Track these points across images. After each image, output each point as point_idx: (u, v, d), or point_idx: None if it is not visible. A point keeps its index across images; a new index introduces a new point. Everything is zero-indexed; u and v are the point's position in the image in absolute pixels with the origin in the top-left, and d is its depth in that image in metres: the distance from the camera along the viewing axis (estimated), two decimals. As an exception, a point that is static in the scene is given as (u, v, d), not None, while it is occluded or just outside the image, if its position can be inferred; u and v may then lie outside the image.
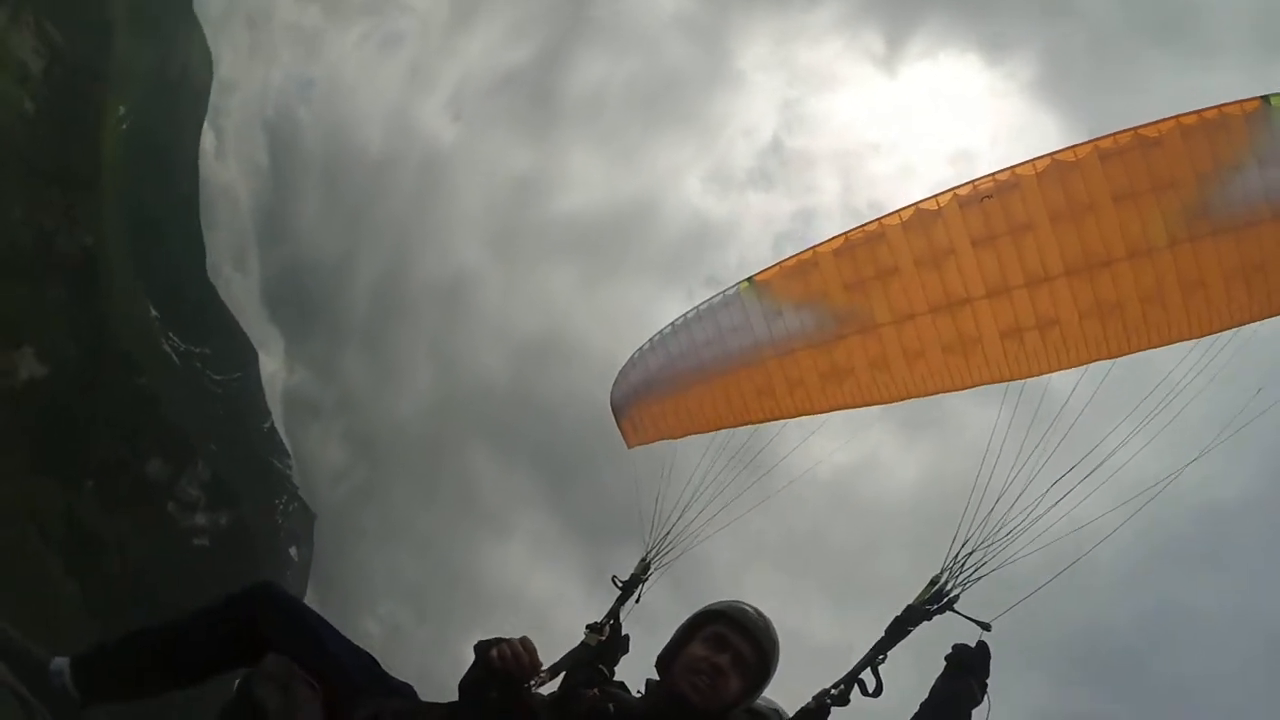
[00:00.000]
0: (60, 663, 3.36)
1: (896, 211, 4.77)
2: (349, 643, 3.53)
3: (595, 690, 3.56)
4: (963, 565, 3.97)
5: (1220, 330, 4.46)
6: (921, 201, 4.72)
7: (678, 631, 3.67)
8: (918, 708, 3.49)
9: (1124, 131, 4.54)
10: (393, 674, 3.54)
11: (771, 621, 3.63)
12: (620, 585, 5.09)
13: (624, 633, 4.73)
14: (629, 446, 6.14)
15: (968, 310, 4.66)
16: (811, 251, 4.99)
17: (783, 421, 5.36)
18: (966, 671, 3.54)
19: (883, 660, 3.75)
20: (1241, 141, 4.28)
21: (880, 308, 4.84)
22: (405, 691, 3.51)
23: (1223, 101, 4.29)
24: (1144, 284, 4.49)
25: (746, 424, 5.26)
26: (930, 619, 3.88)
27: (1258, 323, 4.49)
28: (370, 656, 3.55)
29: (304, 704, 3.10)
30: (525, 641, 3.29)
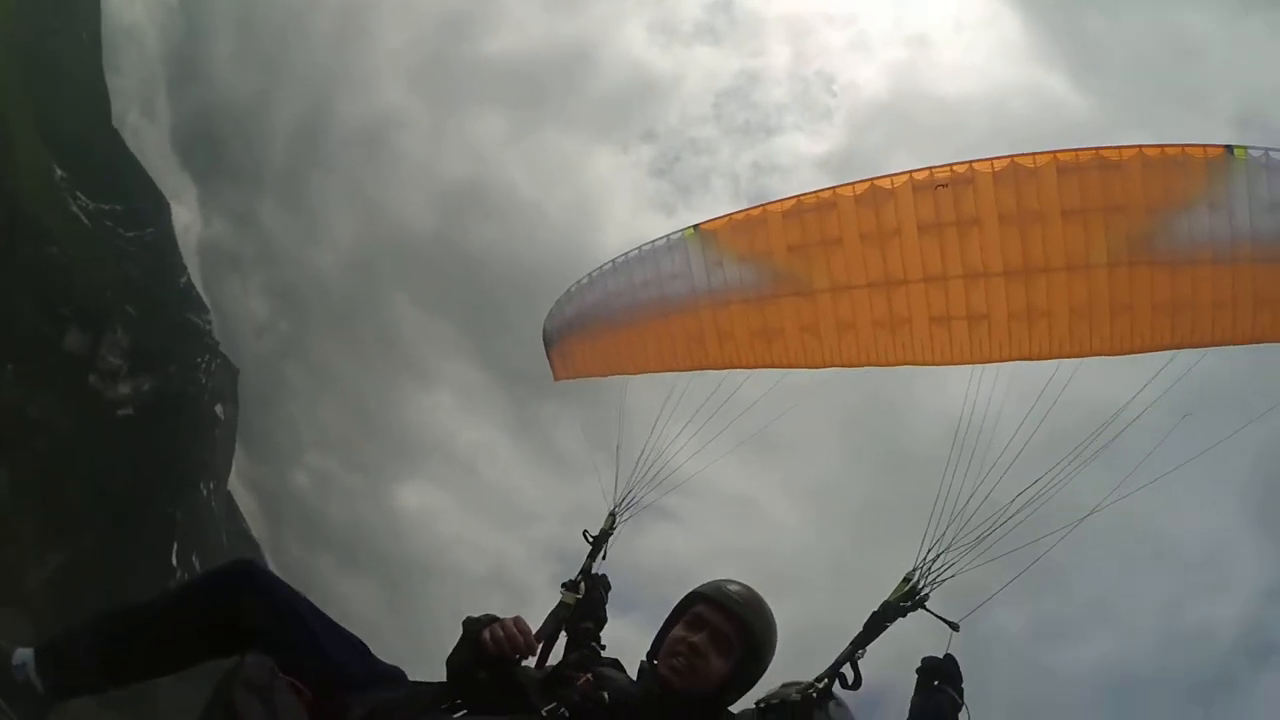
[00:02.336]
0: (24, 654, 3.17)
1: (851, 184, 4.82)
2: (338, 631, 3.37)
3: (588, 676, 3.52)
4: (931, 565, 4.05)
5: (1139, 352, 4.60)
6: (877, 179, 4.77)
7: (669, 616, 3.67)
8: None
9: (1086, 150, 4.64)
10: (380, 657, 3.40)
11: (759, 597, 3.62)
12: (591, 540, 5.07)
13: (600, 572, 4.82)
14: (556, 379, 6.16)
15: (903, 291, 4.74)
16: (761, 209, 5.01)
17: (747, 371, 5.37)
18: (943, 682, 3.58)
19: (861, 654, 3.79)
20: (1198, 184, 4.40)
21: (820, 275, 4.89)
22: (394, 675, 3.40)
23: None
24: (1076, 297, 4.61)
25: (673, 370, 5.30)
26: (904, 615, 3.93)
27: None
28: (359, 643, 3.40)
29: (286, 713, 2.84)
30: (519, 622, 3.28)
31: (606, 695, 3.39)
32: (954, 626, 3.82)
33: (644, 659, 3.66)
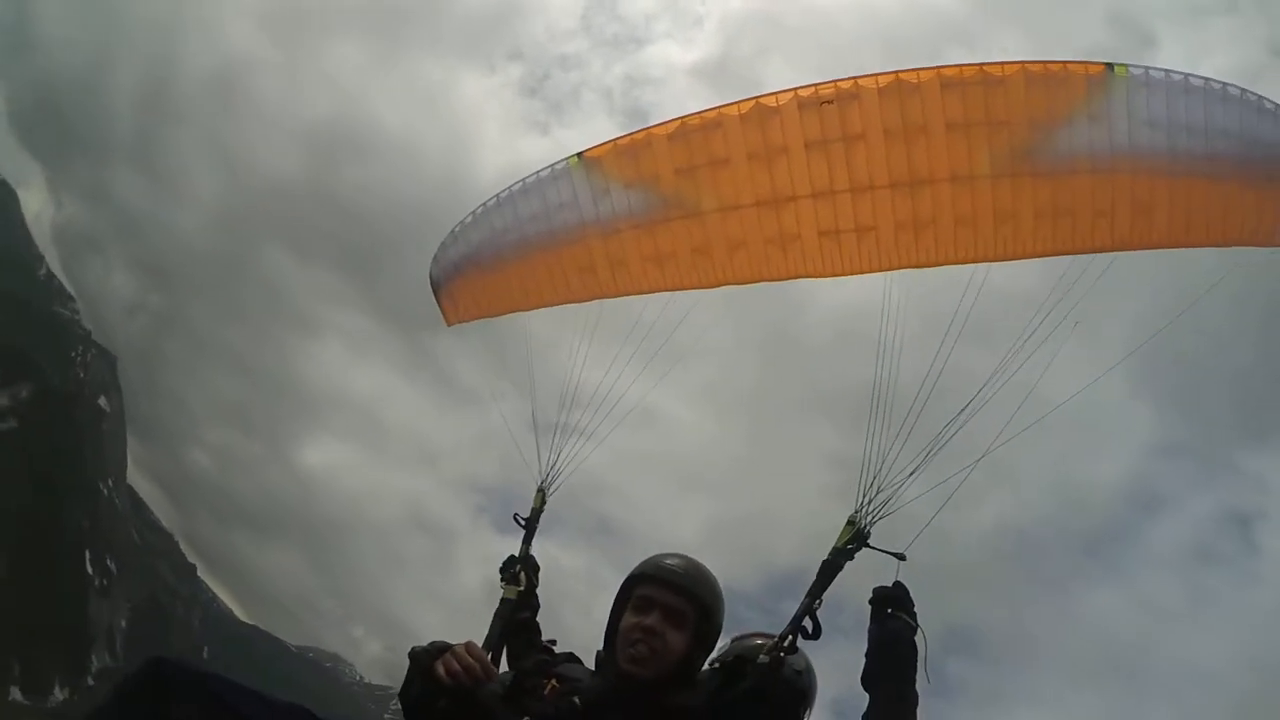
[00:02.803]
0: None
1: (736, 103, 4.77)
2: (279, 708, 3.07)
3: (553, 682, 3.41)
4: (870, 503, 4.08)
5: (1023, 258, 4.72)
6: (762, 97, 4.72)
7: (613, 604, 3.58)
8: (865, 658, 3.57)
9: (970, 66, 4.71)
10: (327, 715, 3.11)
11: (699, 564, 3.58)
12: (523, 523, 4.99)
13: (532, 560, 4.79)
14: (448, 324, 5.97)
15: (791, 207, 4.72)
16: (645, 133, 4.91)
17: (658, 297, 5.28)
18: (896, 609, 3.63)
19: (819, 604, 3.80)
20: (1078, 99, 4.51)
21: (708, 196, 4.83)
22: None
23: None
24: (960, 207, 4.69)
25: (568, 302, 5.19)
26: (852, 558, 3.96)
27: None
28: (304, 711, 3.11)
29: None
30: (471, 648, 3.16)
31: (578, 700, 3.30)
32: (901, 557, 3.85)
33: (599, 650, 3.56)
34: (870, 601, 3.69)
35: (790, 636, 3.67)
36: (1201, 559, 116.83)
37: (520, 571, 4.71)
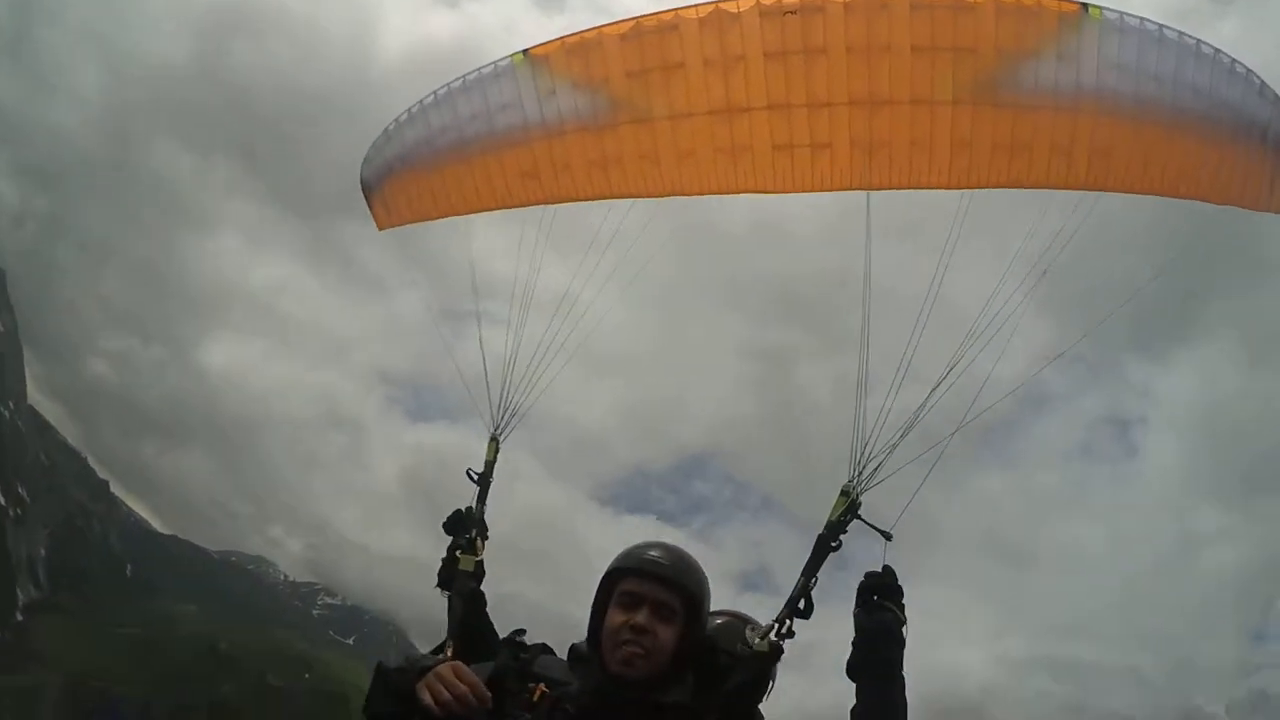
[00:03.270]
0: None
1: (695, 6, 4.54)
2: None
3: (541, 687, 3.18)
4: (863, 472, 3.95)
5: (976, 188, 4.64)
6: (722, 2, 4.50)
7: (594, 600, 3.41)
8: (851, 646, 3.41)
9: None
10: None
11: (682, 551, 3.41)
12: (476, 478, 4.65)
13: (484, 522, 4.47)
14: (380, 228, 5.65)
15: (745, 119, 4.53)
16: (596, 32, 4.66)
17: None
18: (884, 598, 3.48)
19: (815, 583, 3.69)
20: (1048, 35, 4.44)
21: (660, 101, 4.59)
22: None
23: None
24: (918, 130, 4.58)
25: (507, 207, 4.94)
26: (846, 530, 3.82)
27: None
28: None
29: None
30: (459, 671, 2.97)
31: (571, 708, 3.13)
32: (887, 537, 3.73)
33: (580, 645, 3.39)
34: (859, 588, 3.53)
35: (788, 621, 3.57)
36: (1085, 455, 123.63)
37: (477, 538, 4.38)
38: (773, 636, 3.53)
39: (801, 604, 3.63)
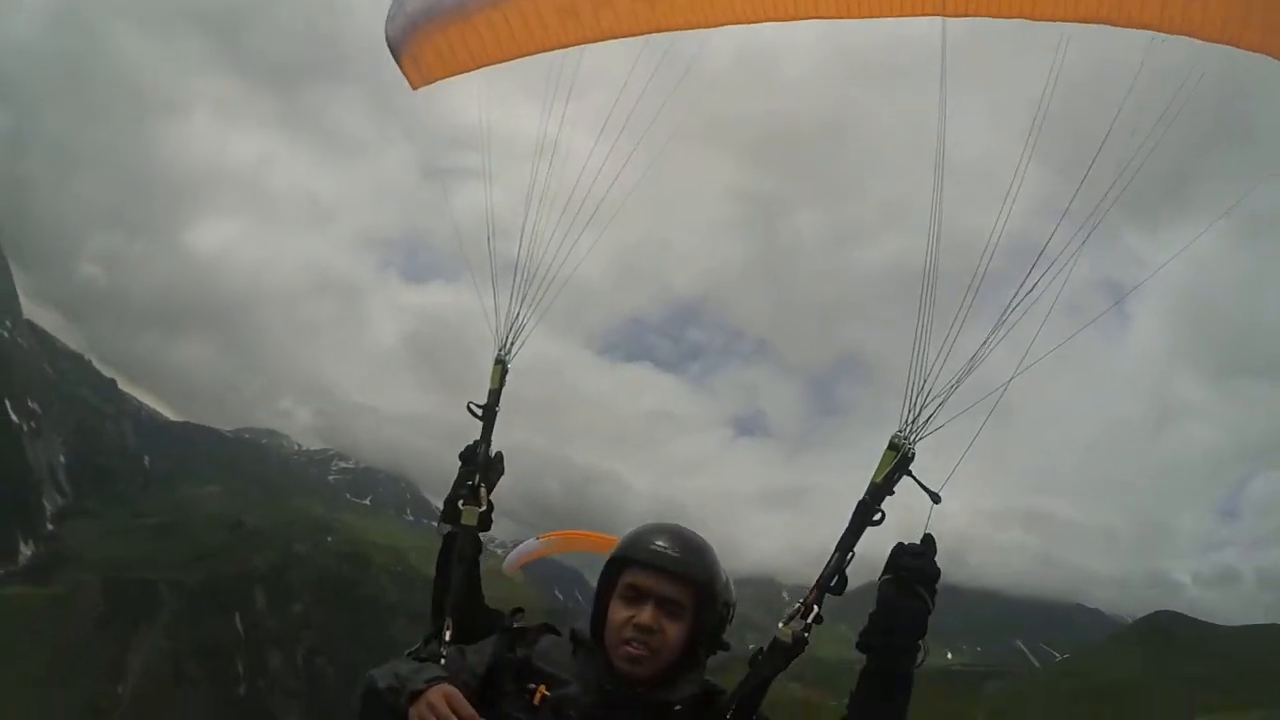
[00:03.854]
0: None
1: None
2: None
3: (542, 689, 3.01)
4: (917, 418, 3.41)
5: (970, 14, 4.09)
6: None
7: (598, 586, 3.21)
8: (870, 618, 3.10)
9: None
10: None
11: (693, 538, 3.17)
12: (479, 411, 4.16)
13: (496, 464, 4.06)
14: (414, 87, 5.33)
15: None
16: None
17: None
18: (917, 581, 3.08)
19: (851, 558, 3.28)
20: None
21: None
22: None
23: None
24: None
25: (545, 50, 4.69)
26: (893, 492, 3.31)
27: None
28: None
29: None
30: (453, 701, 2.86)
31: (574, 713, 3.00)
32: (936, 499, 3.26)
33: (581, 631, 3.21)
34: (891, 560, 3.14)
35: (816, 608, 3.23)
36: (1072, 316, 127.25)
37: (480, 485, 3.97)
38: (799, 622, 3.22)
39: (836, 582, 3.26)
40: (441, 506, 4.03)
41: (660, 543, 3.09)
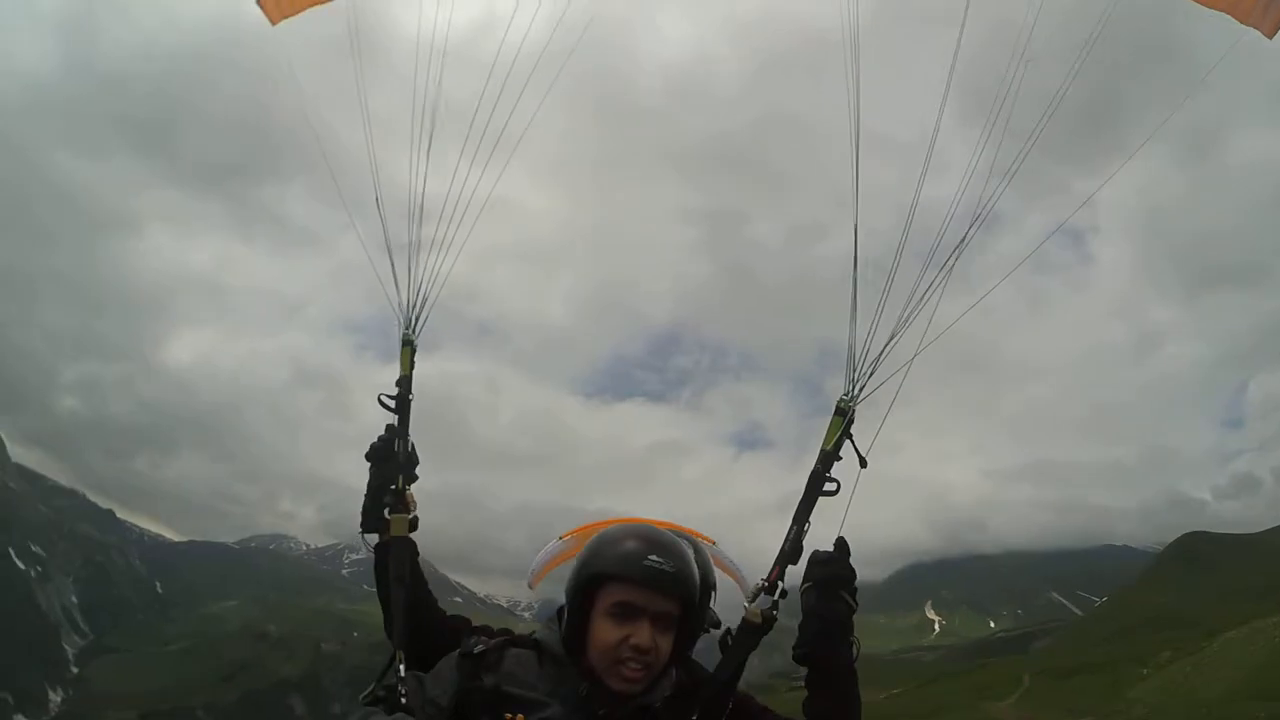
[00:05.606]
0: None
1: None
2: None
3: (520, 718, 2.84)
4: (858, 380, 3.41)
5: None
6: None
7: (570, 596, 2.97)
8: (799, 630, 3.11)
9: None
10: None
11: (679, 545, 3.01)
12: (391, 403, 3.73)
13: (413, 455, 3.68)
14: (273, 23, 4.82)
15: None
16: None
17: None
18: (835, 584, 3.11)
19: (807, 529, 3.23)
20: None
21: None
22: None
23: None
24: None
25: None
26: (840, 458, 3.28)
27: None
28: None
29: None
30: None
31: None
32: (863, 463, 3.28)
33: (546, 639, 3.03)
34: (809, 569, 3.14)
35: (780, 584, 3.16)
36: (1037, 268, 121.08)
37: (405, 488, 3.60)
38: (765, 599, 3.16)
39: (791, 553, 3.22)
40: (361, 517, 3.65)
41: (653, 559, 2.88)
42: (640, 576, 2.85)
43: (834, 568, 3.13)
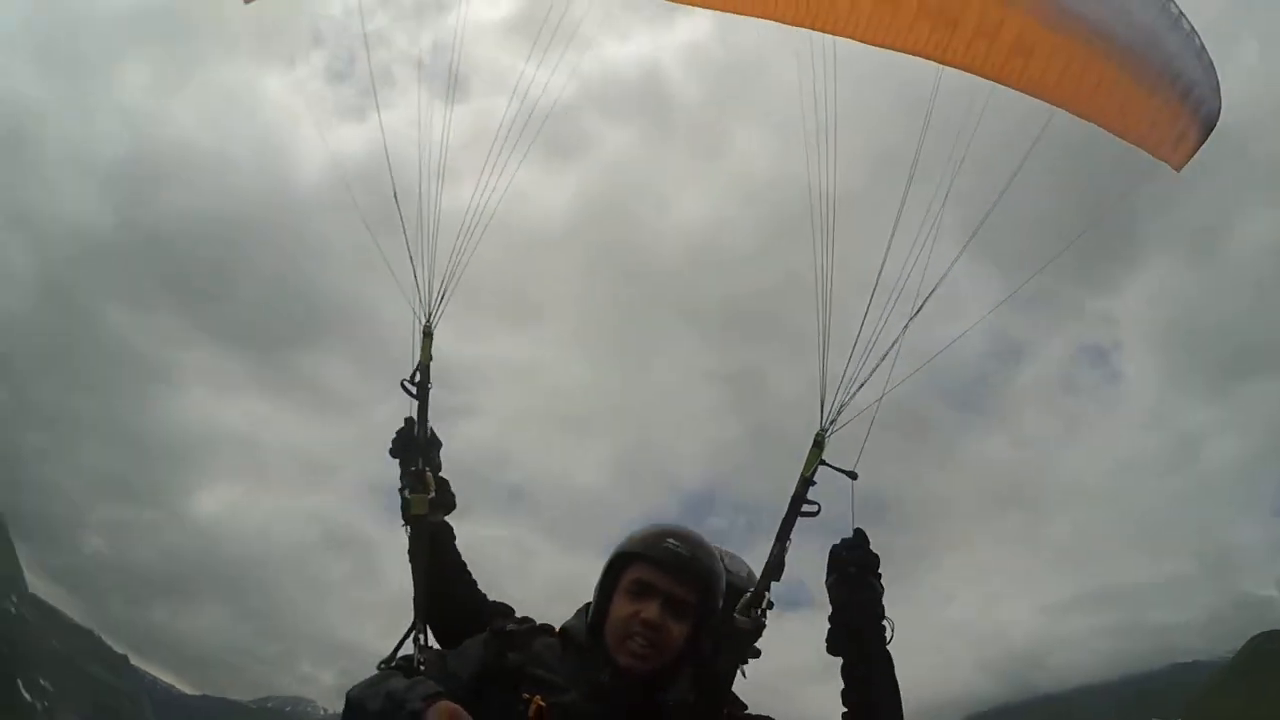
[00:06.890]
0: None
1: None
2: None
3: (537, 700, 2.87)
4: (835, 419, 3.57)
5: (889, 48, 4.00)
6: None
7: (600, 579, 3.15)
8: (829, 622, 3.26)
9: None
10: None
11: (700, 538, 3.17)
12: (413, 388, 3.82)
13: (435, 439, 3.84)
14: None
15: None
16: None
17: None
18: (863, 570, 3.25)
19: (788, 546, 3.37)
20: None
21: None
22: None
23: None
24: None
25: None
26: (815, 482, 3.46)
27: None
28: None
29: None
30: (456, 716, 2.64)
31: None
32: (853, 476, 3.42)
33: (574, 628, 3.15)
34: (831, 554, 3.31)
35: (767, 592, 3.28)
36: (1067, 391, 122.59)
37: (424, 468, 3.71)
38: (754, 610, 3.26)
39: (776, 569, 3.33)
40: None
41: (671, 542, 3.06)
42: (658, 556, 3.04)
43: (859, 554, 3.28)
